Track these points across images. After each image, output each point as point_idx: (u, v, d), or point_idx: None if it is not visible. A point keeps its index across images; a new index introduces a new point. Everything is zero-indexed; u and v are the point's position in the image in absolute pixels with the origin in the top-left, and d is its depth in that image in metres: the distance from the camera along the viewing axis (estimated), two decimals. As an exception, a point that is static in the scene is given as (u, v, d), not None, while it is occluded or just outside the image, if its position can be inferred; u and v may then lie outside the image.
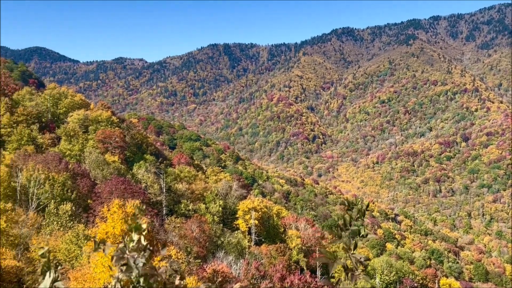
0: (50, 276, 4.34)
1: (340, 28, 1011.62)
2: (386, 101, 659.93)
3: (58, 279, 4.38)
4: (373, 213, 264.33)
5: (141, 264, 4.02)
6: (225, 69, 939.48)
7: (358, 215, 5.58)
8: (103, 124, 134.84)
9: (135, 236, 4.25)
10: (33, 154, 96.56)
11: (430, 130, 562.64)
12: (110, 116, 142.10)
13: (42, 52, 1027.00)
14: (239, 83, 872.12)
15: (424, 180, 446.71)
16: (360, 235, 5.49)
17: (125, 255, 4.11)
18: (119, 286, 4.19)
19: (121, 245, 4.28)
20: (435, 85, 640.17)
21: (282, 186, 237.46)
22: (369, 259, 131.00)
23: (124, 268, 4.13)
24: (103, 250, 4.39)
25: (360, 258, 5.08)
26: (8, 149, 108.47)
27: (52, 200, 75.38)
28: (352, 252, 5.18)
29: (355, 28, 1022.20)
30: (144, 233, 4.30)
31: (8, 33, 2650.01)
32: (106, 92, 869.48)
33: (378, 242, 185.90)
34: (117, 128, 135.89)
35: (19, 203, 75.12)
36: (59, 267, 4.40)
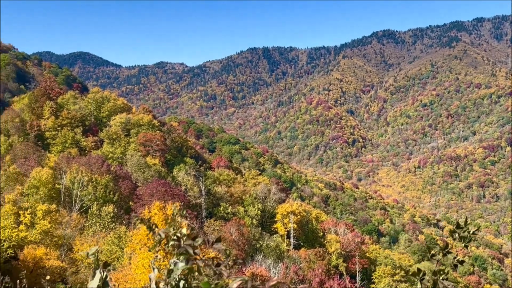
0: (99, 275, 4.35)
1: (381, 31, 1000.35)
2: (428, 104, 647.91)
3: (107, 279, 4.38)
4: (414, 219, 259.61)
5: (195, 252, 3.97)
6: (264, 73, 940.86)
7: (463, 240, 5.30)
8: (145, 127, 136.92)
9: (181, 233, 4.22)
10: (77, 156, 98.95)
11: (474, 134, 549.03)
12: (151, 120, 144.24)
13: (85, 57, 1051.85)
14: (278, 87, 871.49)
15: (468, 185, 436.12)
16: (458, 260, 5.19)
17: (181, 242, 4.09)
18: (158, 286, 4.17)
19: (173, 231, 4.24)
20: (479, 88, 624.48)
21: (321, 190, 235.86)
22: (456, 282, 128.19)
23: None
24: (159, 235, 4.36)
25: (449, 285, 4.81)
26: (52, 151, 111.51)
27: (95, 202, 76.94)
28: (443, 276, 4.91)
29: (396, 31, 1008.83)
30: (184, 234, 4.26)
31: (53, 39, 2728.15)
32: (147, 96, 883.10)
33: (419, 247, 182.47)
34: (158, 131, 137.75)
35: (63, 204, 76.95)
36: (108, 267, 4.39)
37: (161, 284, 4.05)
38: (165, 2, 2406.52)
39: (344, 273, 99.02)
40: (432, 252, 5.35)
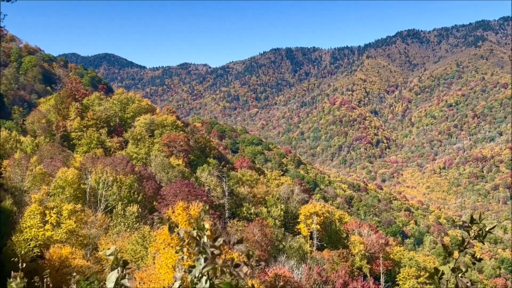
0: (117, 274, 4.34)
1: (405, 30, 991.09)
2: (453, 104, 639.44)
3: (125, 277, 4.37)
4: (439, 220, 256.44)
5: (215, 253, 3.96)
6: (287, 73, 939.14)
7: (477, 236, 5.18)
8: (168, 128, 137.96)
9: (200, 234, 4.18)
10: (102, 157, 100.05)
11: (500, 134, 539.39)
12: (175, 121, 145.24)
13: (110, 58, 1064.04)
14: (301, 87, 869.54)
15: (494, 187, 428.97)
16: (475, 258, 5.08)
17: (202, 242, 4.08)
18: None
19: (195, 232, 4.21)
20: (506, 88, 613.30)
21: (344, 191, 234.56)
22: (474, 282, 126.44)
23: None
24: (178, 233, 4.34)
25: (468, 282, 4.70)
26: (78, 152, 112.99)
27: (120, 202, 77.66)
28: (462, 274, 4.81)
29: (421, 30, 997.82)
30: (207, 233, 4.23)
31: (79, 40, 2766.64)
32: (171, 97, 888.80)
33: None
34: (181, 132, 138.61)
35: (88, 204, 77.82)
36: (127, 265, 4.38)
37: (177, 283, 4.05)
38: (189, 2, 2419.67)
39: (368, 274, 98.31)
40: (449, 250, 5.25)
